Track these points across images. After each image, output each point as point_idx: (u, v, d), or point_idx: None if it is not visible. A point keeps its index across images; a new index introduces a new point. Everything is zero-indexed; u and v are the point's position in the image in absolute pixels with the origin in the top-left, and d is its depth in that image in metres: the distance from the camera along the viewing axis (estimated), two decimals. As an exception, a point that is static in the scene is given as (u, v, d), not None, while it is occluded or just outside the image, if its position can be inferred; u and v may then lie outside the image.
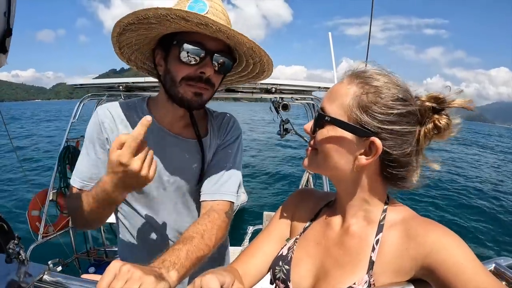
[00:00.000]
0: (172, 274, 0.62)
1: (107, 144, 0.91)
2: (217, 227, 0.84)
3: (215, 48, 0.82)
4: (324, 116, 0.62)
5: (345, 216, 0.69)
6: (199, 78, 0.83)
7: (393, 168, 0.61)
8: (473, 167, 13.92)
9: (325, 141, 0.63)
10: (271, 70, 0.93)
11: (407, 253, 0.57)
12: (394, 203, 0.67)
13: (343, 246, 0.66)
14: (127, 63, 0.97)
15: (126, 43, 0.87)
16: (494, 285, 0.49)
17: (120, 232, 1.08)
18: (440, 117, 0.60)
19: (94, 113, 0.95)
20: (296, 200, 0.84)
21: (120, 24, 0.77)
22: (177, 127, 0.97)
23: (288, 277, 0.69)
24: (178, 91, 0.85)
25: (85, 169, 0.91)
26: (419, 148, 0.62)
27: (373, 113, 0.58)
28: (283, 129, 2.94)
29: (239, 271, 0.73)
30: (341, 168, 0.63)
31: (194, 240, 0.76)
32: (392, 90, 0.59)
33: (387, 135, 0.58)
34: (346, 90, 0.61)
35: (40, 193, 2.99)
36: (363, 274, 0.60)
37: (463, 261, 0.51)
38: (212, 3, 0.83)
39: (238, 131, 1.06)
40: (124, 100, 1.03)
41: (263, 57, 0.86)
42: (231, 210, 0.94)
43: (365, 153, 0.60)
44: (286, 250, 0.73)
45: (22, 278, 0.64)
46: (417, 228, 0.58)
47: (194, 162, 0.98)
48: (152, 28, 0.79)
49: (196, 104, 0.87)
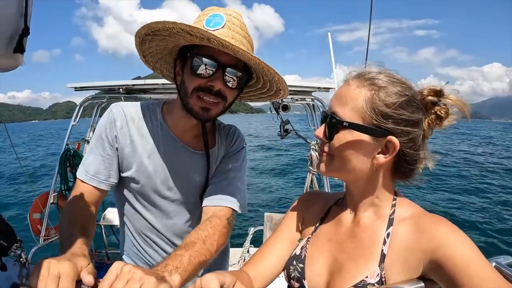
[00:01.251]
0: (175, 278, 0.63)
1: (115, 142, 0.93)
2: (218, 233, 0.84)
3: (227, 62, 0.83)
4: (341, 122, 0.62)
5: (355, 212, 0.71)
6: (208, 90, 0.84)
7: (407, 163, 0.64)
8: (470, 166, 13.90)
9: (343, 146, 0.63)
10: (287, 89, 0.93)
11: (416, 247, 0.59)
12: (402, 199, 0.69)
13: (355, 239, 0.68)
14: (153, 70, 1.01)
15: (148, 52, 0.91)
16: (499, 281, 0.51)
17: (123, 235, 1.08)
18: (440, 108, 0.63)
19: (109, 110, 0.96)
20: (305, 203, 0.85)
21: (138, 34, 0.82)
22: (188, 136, 0.98)
23: (302, 275, 0.70)
24: (189, 101, 0.86)
25: (92, 164, 0.92)
26: (424, 139, 0.65)
27: (387, 114, 0.59)
28: (283, 130, 2.95)
29: (250, 273, 0.74)
30: (359, 170, 0.64)
31: (196, 245, 0.76)
32: (398, 88, 0.61)
33: (401, 133, 0.60)
34: (356, 93, 0.62)
35: (42, 196, 3.00)
36: (375, 267, 0.61)
37: (470, 256, 0.53)
38: (230, 18, 0.84)
39: (243, 143, 1.08)
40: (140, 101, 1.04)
41: (274, 76, 0.85)
42: (233, 217, 0.94)
43: (382, 152, 0.62)
44: (299, 250, 0.74)
45: (24, 281, 0.64)
46: (427, 223, 0.60)
47: (200, 173, 0.99)
48: (166, 40, 0.83)
49: (202, 118, 0.88)
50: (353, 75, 0.65)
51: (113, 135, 0.92)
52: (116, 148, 0.93)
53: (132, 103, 0.99)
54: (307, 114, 3.05)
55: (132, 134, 0.93)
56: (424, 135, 0.64)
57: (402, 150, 0.61)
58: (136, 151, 0.93)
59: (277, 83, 0.91)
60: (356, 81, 0.63)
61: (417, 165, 0.65)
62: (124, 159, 0.94)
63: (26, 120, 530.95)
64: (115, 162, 0.94)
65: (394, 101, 0.59)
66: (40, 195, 3.02)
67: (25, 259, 0.68)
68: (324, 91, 2.70)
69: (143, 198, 0.98)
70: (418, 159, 0.64)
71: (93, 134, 0.98)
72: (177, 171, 0.97)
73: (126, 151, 0.93)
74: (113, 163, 0.93)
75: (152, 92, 2.51)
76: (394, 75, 0.64)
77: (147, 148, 0.94)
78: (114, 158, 0.93)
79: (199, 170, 0.99)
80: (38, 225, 2.87)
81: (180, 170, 0.97)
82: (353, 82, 0.64)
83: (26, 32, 0.50)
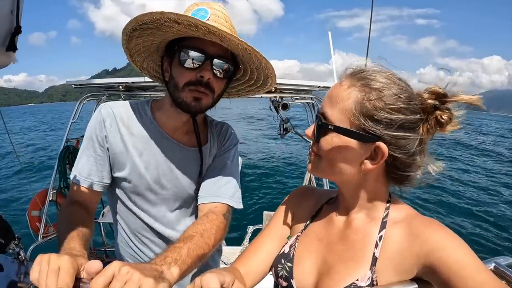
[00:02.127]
0: (174, 270, 0.63)
1: (106, 142, 0.92)
2: (216, 227, 0.85)
3: (215, 53, 0.83)
4: (327, 125, 0.60)
5: (347, 213, 0.69)
6: (199, 82, 0.84)
7: (398, 169, 0.61)
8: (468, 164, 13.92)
9: (329, 149, 0.61)
10: (275, 76, 0.93)
11: (410, 251, 0.57)
12: (396, 201, 0.67)
13: (346, 241, 0.66)
14: (140, 70, 1.00)
15: (135, 50, 0.90)
16: (494, 283, 0.50)
17: (116, 233, 1.08)
18: (442, 113, 0.59)
19: (97, 111, 0.95)
20: (296, 198, 0.84)
21: (125, 31, 0.81)
22: (179, 133, 0.98)
23: (291, 274, 0.69)
24: (180, 95, 0.86)
25: (84, 165, 0.92)
26: (422, 145, 0.61)
27: (377, 118, 0.56)
28: (283, 128, 2.95)
29: (241, 270, 0.73)
30: (346, 173, 0.63)
31: (194, 238, 0.77)
32: (393, 90, 0.57)
33: (391, 139, 0.57)
34: (346, 93, 0.59)
35: (40, 193, 2.99)
36: (366, 270, 0.60)
37: (464, 259, 0.52)
38: (214, 11, 0.85)
39: (236, 140, 1.08)
40: (127, 100, 1.04)
41: (261, 61, 0.84)
42: (229, 213, 0.95)
43: (370, 157, 0.59)
44: (288, 248, 0.73)
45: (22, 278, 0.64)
46: (421, 226, 0.58)
47: (193, 169, 0.99)
48: (154, 33, 0.82)
49: (194, 109, 0.88)
50: (347, 73, 0.62)
51: (103, 136, 0.92)
52: (107, 148, 0.93)
53: (121, 102, 0.99)
54: (307, 113, 3.05)
55: (122, 134, 0.93)
56: (422, 141, 0.60)
57: (392, 156, 0.58)
58: (127, 150, 0.93)
59: (264, 70, 0.89)
60: (349, 80, 0.60)
61: (411, 172, 0.61)
62: (115, 158, 0.94)
63: (22, 103, 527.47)
64: (106, 163, 0.94)
65: (385, 105, 0.56)
66: (39, 193, 3.02)
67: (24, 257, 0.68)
68: (325, 91, 2.69)
69: (137, 197, 0.98)
70: (413, 165, 0.61)
71: (84, 135, 0.96)
72: (170, 168, 0.96)
73: (117, 151, 0.93)
74: (105, 163, 0.93)
75: (152, 89, 2.50)
76: (392, 74, 0.60)
77: (138, 147, 0.93)
78: (105, 158, 0.93)
79: (192, 166, 0.99)
80: (37, 222, 2.87)
81: (172, 167, 0.97)
82: (345, 81, 0.61)
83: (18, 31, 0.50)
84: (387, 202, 0.66)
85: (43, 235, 2.72)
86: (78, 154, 0.96)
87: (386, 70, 0.61)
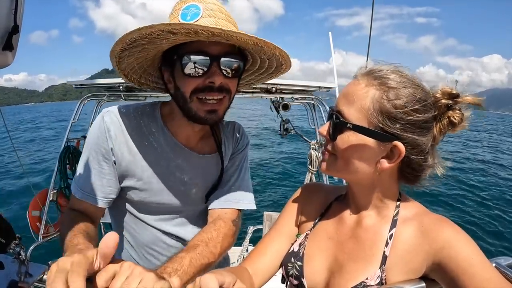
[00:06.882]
0: (174, 280, 0.62)
1: (112, 154, 0.83)
2: (222, 235, 0.83)
3: (220, 52, 0.74)
4: (345, 123, 0.59)
5: (358, 211, 0.69)
6: (209, 89, 0.76)
7: (412, 168, 0.61)
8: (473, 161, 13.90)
9: (345, 147, 0.61)
10: (289, 62, 0.83)
11: (420, 248, 0.58)
12: (406, 199, 0.68)
13: (356, 240, 0.67)
14: (138, 86, 0.94)
15: (129, 69, 0.83)
16: (500, 282, 0.51)
17: (119, 250, 1.00)
18: (454, 113, 0.60)
19: (99, 118, 0.85)
20: (304, 195, 0.83)
21: (114, 53, 0.73)
22: (193, 141, 0.92)
23: (301, 273, 0.69)
24: (191, 107, 0.78)
25: (87, 180, 0.84)
26: (434, 144, 0.62)
27: (395, 117, 0.56)
28: (283, 129, 2.95)
29: (249, 270, 0.73)
30: (361, 172, 0.62)
31: (198, 248, 0.75)
32: (409, 90, 0.57)
33: (408, 138, 0.57)
34: (364, 92, 0.58)
35: (41, 193, 2.98)
36: (376, 269, 0.60)
37: (472, 257, 0.53)
38: (206, 5, 0.75)
39: (247, 140, 1.04)
40: (128, 100, 1.01)
41: (274, 50, 0.76)
42: (239, 218, 0.92)
43: (387, 156, 0.60)
44: (298, 246, 0.73)
45: (23, 278, 0.64)
46: (430, 224, 0.59)
47: (210, 178, 0.95)
48: (147, 49, 0.74)
49: (211, 122, 0.81)
50: (363, 72, 0.62)
51: (108, 148, 0.83)
52: (113, 161, 0.84)
53: (124, 107, 0.88)
54: (307, 113, 3.05)
55: (130, 144, 0.84)
56: (434, 141, 0.61)
57: (407, 156, 0.58)
58: (136, 161, 0.85)
59: (277, 58, 0.81)
60: (365, 79, 0.60)
61: (424, 171, 0.62)
62: (123, 171, 0.85)
63: (21, 103, 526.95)
64: (113, 177, 0.85)
65: (403, 104, 0.56)
66: (39, 192, 3.01)
67: (24, 256, 0.68)
68: (325, 91, 2.69)
69: (150, 210, 0.92)
70: (425, 166, 0.61)
71: (85, 142, 0.87)
72: (186, 179, 0.91)
73: (125, 163, 0.85)
74: (112, 178, 0.85)
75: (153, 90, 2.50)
76: (407, 74, 0.60)
77: (149, 158, 0.86)
78: (111, 172, 0.84)
79: (208, 175, 0.94)
80: (37, 222, 2.87)
81: (188, 178, 0.91)
82: (362, 79, 0.60)
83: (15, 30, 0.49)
84: (397, 200, 0.67)
85: (43, 235, 2.72)
86: (80, 163, 0.87)
87: (400, 68, 0.61)
